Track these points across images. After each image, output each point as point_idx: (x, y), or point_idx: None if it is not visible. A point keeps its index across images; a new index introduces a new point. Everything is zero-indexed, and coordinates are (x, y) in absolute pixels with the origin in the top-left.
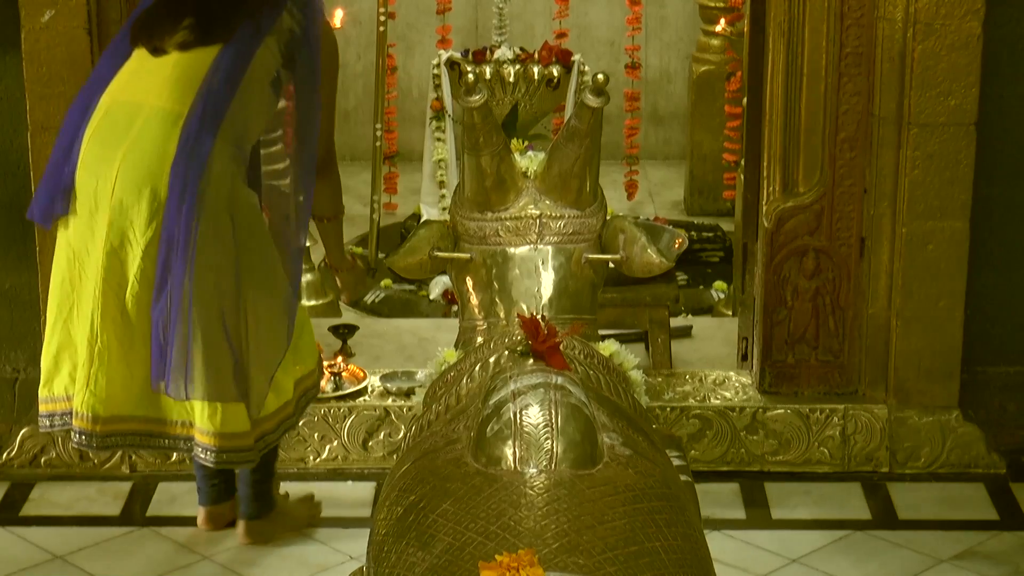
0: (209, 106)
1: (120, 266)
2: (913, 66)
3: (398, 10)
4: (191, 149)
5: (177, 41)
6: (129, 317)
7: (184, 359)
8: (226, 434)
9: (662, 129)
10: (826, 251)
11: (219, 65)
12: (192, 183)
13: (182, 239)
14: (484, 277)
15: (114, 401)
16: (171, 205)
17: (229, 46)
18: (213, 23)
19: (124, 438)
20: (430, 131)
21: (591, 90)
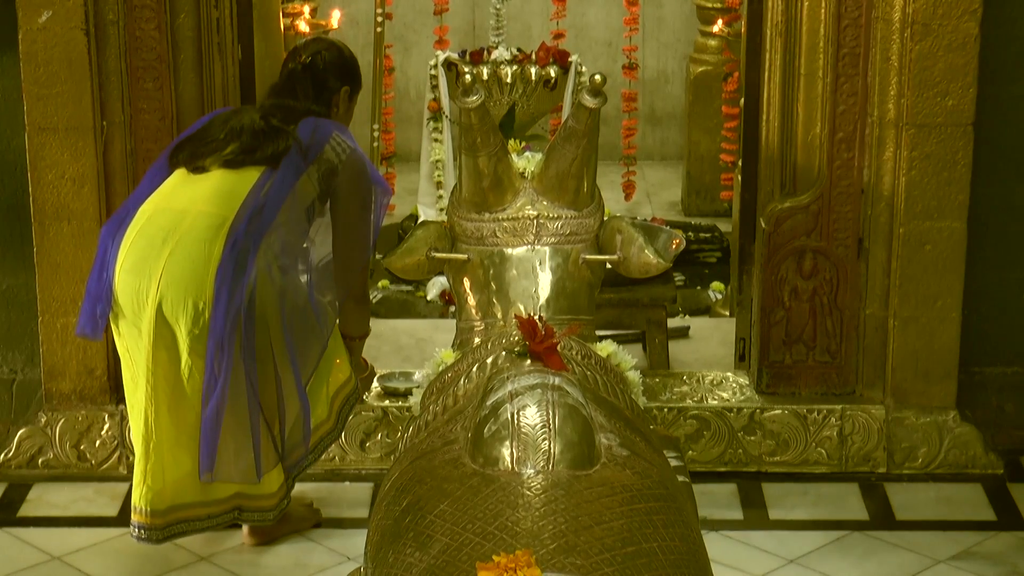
0: (255, 217)
1: (168, 364)
2: (910, 66)
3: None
4: (239, 253)
5: (222, 159)
6: (180, 413)
7: (241, 450)
8: (270, 494)
9: (659, 130)
10: (823, 252)
11: (264, 184)
12: (241, 286)
13: (229, 340)
14: (481, 278)
15: (168, 494)
16: (219, 308)
17: (275, 171)
18: (259, 148)
19: (178, 526)
20: (427, 132)
21: (588, 91)
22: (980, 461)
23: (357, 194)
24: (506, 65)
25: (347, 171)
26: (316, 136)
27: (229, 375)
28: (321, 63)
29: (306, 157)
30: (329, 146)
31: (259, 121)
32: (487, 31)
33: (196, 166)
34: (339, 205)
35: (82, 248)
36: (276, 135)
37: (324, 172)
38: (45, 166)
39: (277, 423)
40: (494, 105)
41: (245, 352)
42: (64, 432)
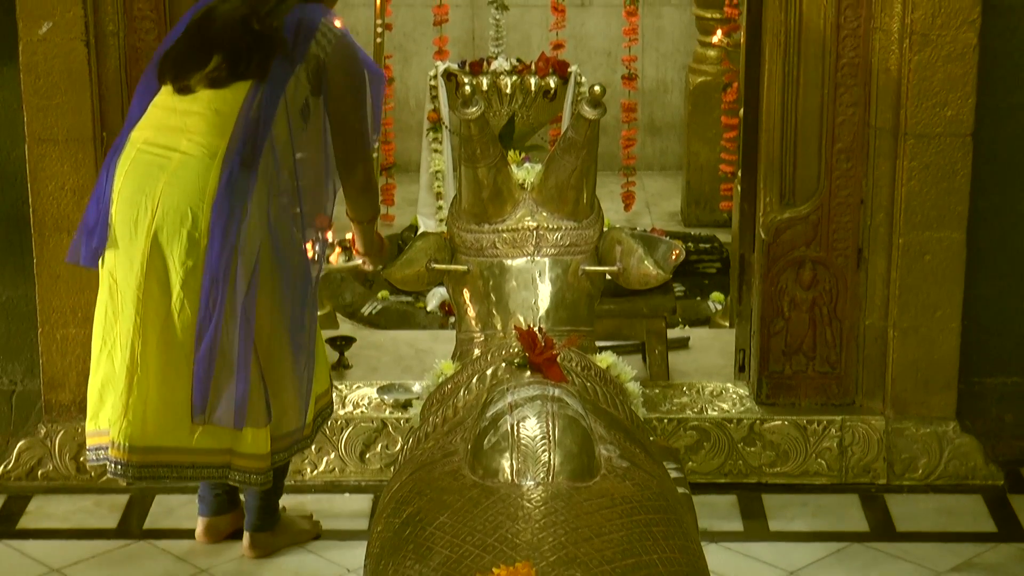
0: (248, 144)
1: (159, 296)
2: (909, 77)
3: (395, 21)
4: (235, 188)
5: (207, 78)
6: (168, 348)
7: (231, 391)
8: (258, 455)
9: (659, 140)
10: (823, 262)
11: (252, 101)
12: (235, 223)
13: (224, 277)
14: (481, 289)
15: (150, 431)
16: (214, 244)
17: (262, 83)
18: (243, 60)
19: (158, 470)
20: (427, 142)
21: (588, 102)
22: (980, 472)
23: (350, 85)
24: (506, 75)
25: (336, 62)
26: (302, 32)
27: (223, 314)
28: None
29: (293, 60)
30: (315, 40)
31: (239, 26)
32: (487, 41)
33: (182, 85)
34: (332, 99)
35: None
36: (259, 42)
37: (313, 69)
38: (45, 177)
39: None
40: (494, 116)
41: (238, 293)
42: (64, 444)
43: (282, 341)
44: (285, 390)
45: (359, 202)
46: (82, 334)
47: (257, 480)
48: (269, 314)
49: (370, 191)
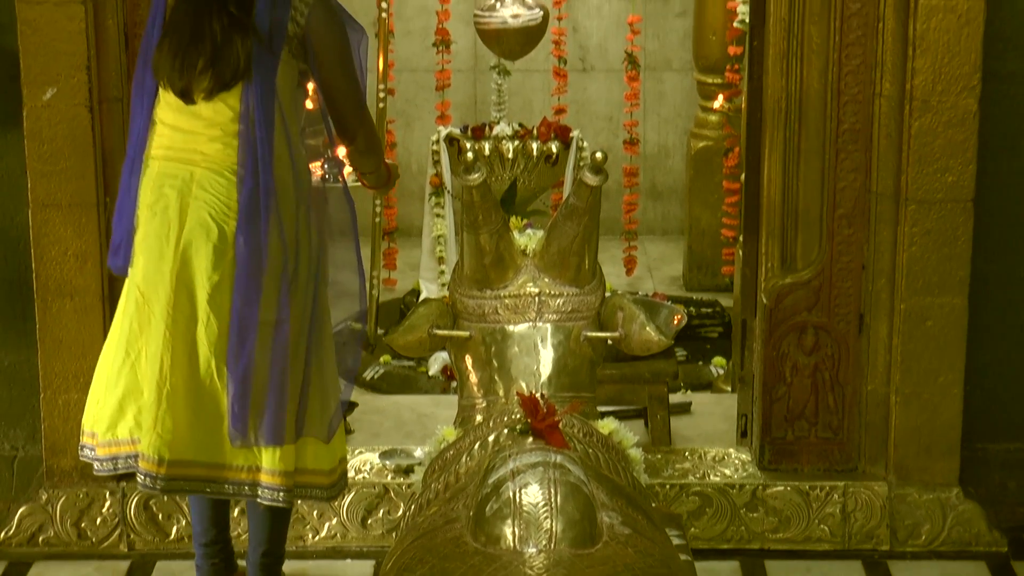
0: (257, 155)
1: (187, 310)
2: (910, 143)
3: (397, 86)
4: (253, 207)
5: (202, 90)
6: (196, 362)
7: (268, 411)
8: (286, 472)
9: (660, 204)
10: (825, 327)
11: (250, 105)
12: (261, 238)
13: (255, 297)
14: (483, 355)
15: (179, 444)
16: (241, 264)
17: (252, 85)
18: (227, 67)
19: (188, 483)
20: (429, 207)
21: (590, 168)
22: (984, 538)
23: (335, 51)
24: (507, 140)
25: (316, 30)
26: (275, 15)
27: (255, 336)
28: None
29: (273, 48)
30: (291, 18)
31: (215, 25)
32: (488, 106)
33: (181, 89)
34: (319, 69)
35: (85, 324)
36: (234, 40)
37: (294, 47)
38: (48, 242)
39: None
40: (495, 180)
41: (276, 309)
42: (65, 510)
43: (310, 351)
44: (312, 400)
45: (363, 162)
46: (84, 399)
47: (283, 498)
48: (306, 332)
49: (373, 151)
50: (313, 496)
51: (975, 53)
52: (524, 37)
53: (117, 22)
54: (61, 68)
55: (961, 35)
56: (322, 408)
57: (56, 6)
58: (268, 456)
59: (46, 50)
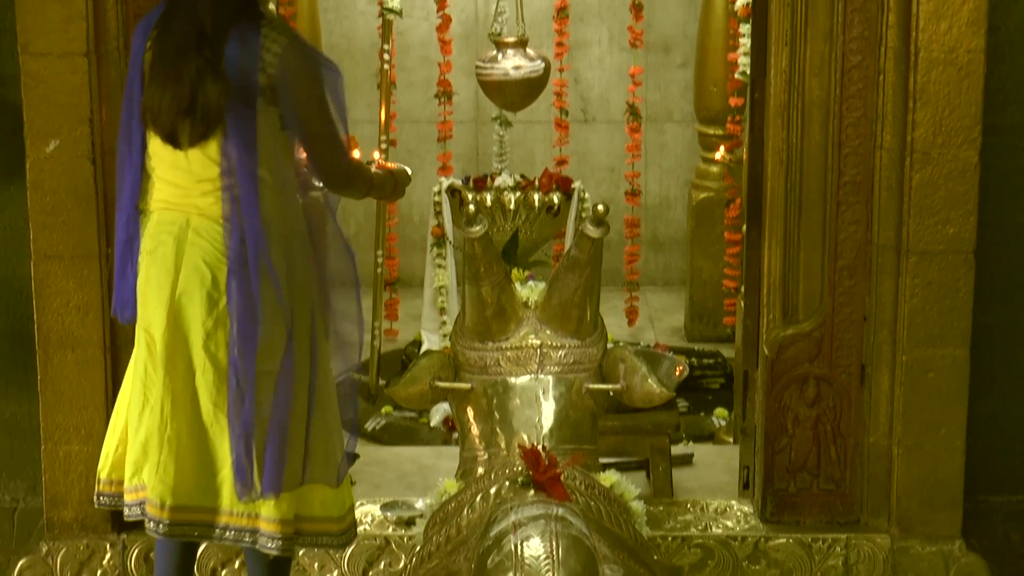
0: (242, 208)
1: (184, 357)
2: (911, 194)
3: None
4: (243, 257)
5: (188, 137)
6: (194, 409)
7: (268, 461)
8: (284, 520)
9: (662, 255)
10: (827, 379)
11: (231, 159)
12: (253, 287)
13: (249, 347)
14: (485, 407)
15: (181, 490)
16: (233, 318)
17: (229, 137)
18: (202, 110)
19: (191, 528)
20: (431, 257)
21: (591, 220)
22: None
23: (307, 95)
24: (509, 191)
25: (286, 75)
26: (244, 64)
27: (254, 389)
28: None
29: (246, 99)
30: (260, 67)
31: (191, 65)
32: (490, 157)
33: (167, 135)
34: (294, 113)
35: (86, 376)
36: (207, 84)
37: (268, 95)
38: (50, 294)
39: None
40: (497, 231)
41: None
42: (65, 562)
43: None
44: (315, 446)
45: (349, 195)
46: (85, 451)
47: (281, 546)
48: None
49: (358, 185)
50: (324, 544)
51: (975, 105)
52: (526, 88)
53: (119, 74)
54: (64, 120)
55: (961, 87)
56: (327, 454)
57: (59, 59)
58: (267, 504)
59: (49, 102)
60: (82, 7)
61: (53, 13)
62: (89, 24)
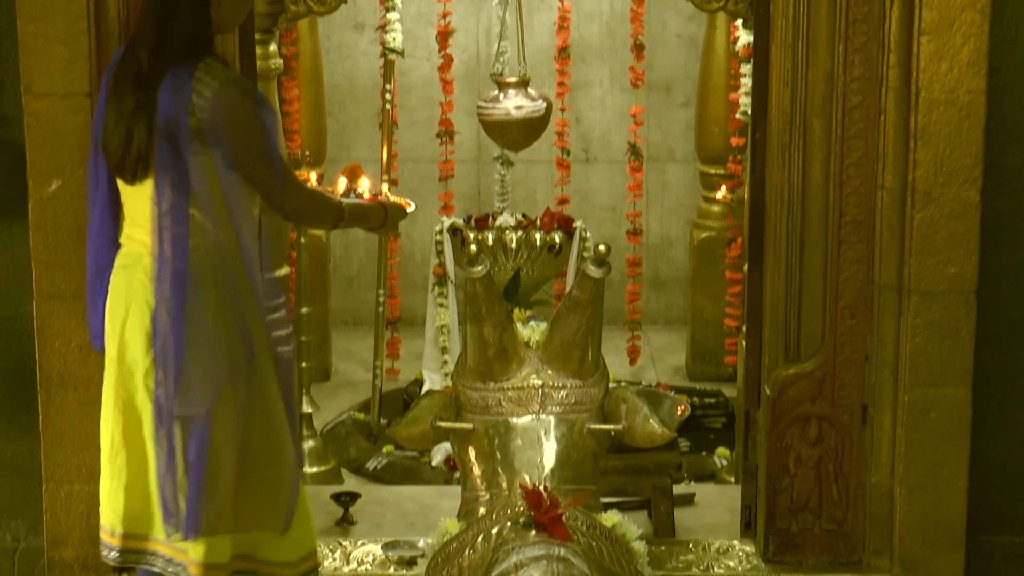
0: (165, 249)
1: (132, 390)
2: (912, 234)
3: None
4: (164, 296)
5: (130, 173)
6: (136, 440)
7: (188, 502)
8: (214, 564)
9: (663, 294)
10: (828, 418)
11: (160, 199)
12: (174, 327)
13: (170, 380)
14: (486, 447)
15: (130, 517)
16: (156, 355)
17: (158, 180)
18: (132, 150)
19: (139, 556)
20: (432, 297)
21: (593, 261)
22: None
23: (245, 135)
24: (511, 230)
25: (219, 115)
26: (175, 108)
27: (173, 423)
28: None
29: (177, 142)
30: (192, 106)
31: (126, 103)
32: (492, 197)
33: (116, 166)
34: (232, 156)
35: (88, 416)
36: (139, 126)
37: (204, 137)
38: (52, 333)
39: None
40: (499, 270)
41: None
42: None
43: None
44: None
45: (319, 224)
46: (87, 491)
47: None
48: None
49: (317, 216)
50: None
51: (976, 145)
52: (527, 128)
53: None
54: (66, 160)
55: (963, 128)
56: (270, 500)
57: (62, 99)
58: (193, 545)
59: (52, 142)
60: (85, 48)
61: (56, 54)
62: (92, 65)
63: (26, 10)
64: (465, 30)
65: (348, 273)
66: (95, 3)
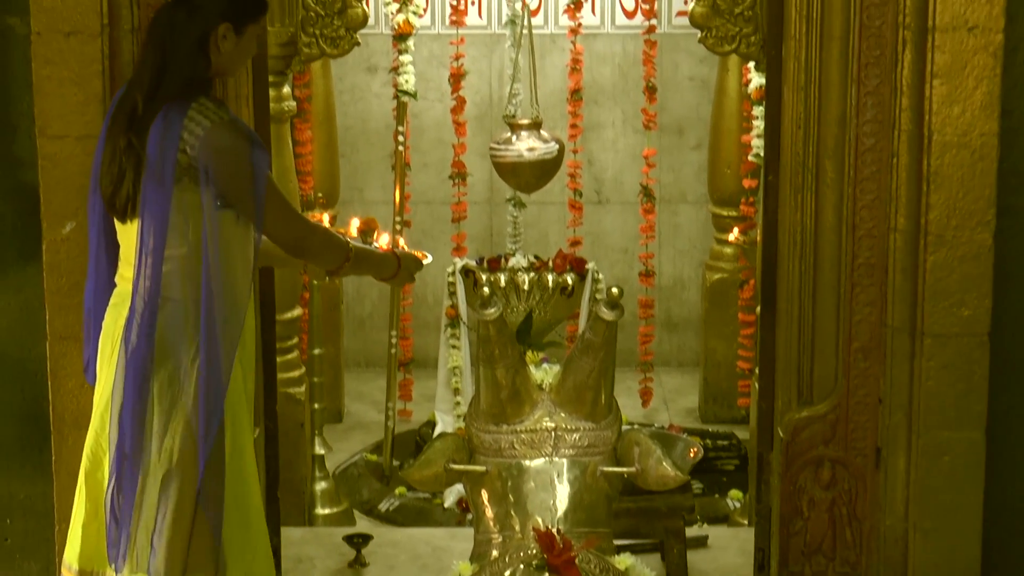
0: (142, 285)
1: (103, 425)
2: (926, 277)
3: (414, 218)
4: (130, 331)
5: (121, 211)
6: (103, 478)
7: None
8: None
9: (676, 336)
10: (842, 461)
11: (143, 236)
12: (137, 360)
13: (127, 427)
14: (499, 490)
15: (85, 554)
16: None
17: (143, 217)
18: (120, 191)
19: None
20: (445, 338)
21: (605, 303)
22: None
23: (236, 173)
24: (523, 272)
25: (211, 153)
26: (164, 145)
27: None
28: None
29: (163, 180)
30: (183, 143)
31: (119, 143)
32: (504, 238)
33: (108, 204)
34: (222, 194)
35: None
36: (128, 166)
37: (193, 175)
38: (65, 375)
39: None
40: (511, 312)
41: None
42: None
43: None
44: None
45: (316, 259)
46: None
47: None
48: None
49: (320, 253)
50: None
51: (989, 188)
52: (540, 170)
53: None
54: (80, 202)
55: (975, 170)
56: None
57: (76, 141)
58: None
59: (66, 184)
60: (99, 90)
61: (71, 96)
62: (106, 107)
63: (41, 53)
64: (477, 72)
65: (360, 315)
66: (109, 46)
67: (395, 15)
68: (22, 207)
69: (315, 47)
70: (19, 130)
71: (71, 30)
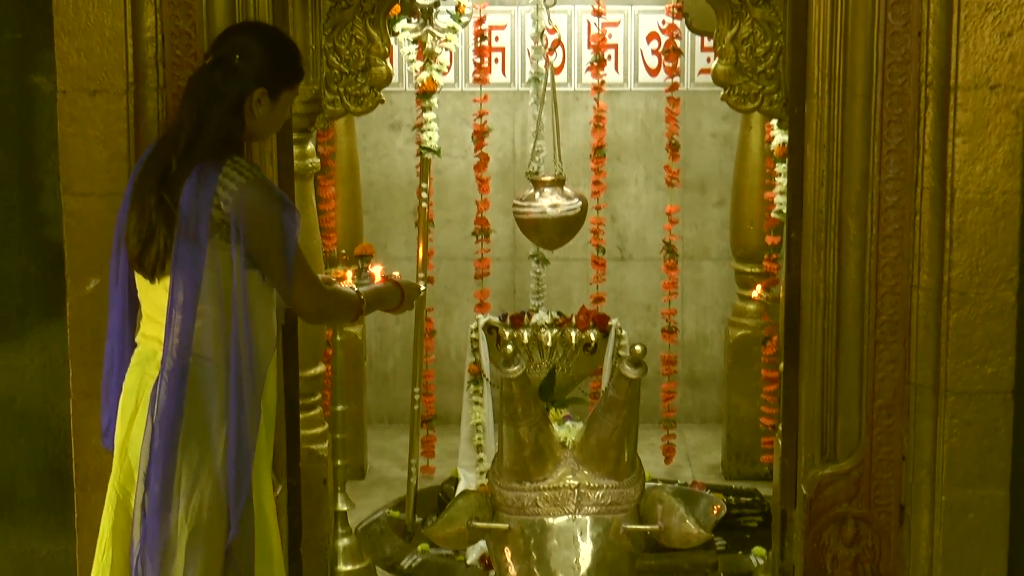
0: (174, 344)
1: (129, 485)
2: (948, 334)
3: (437, 274)
4: (173, 383)
5: (149, 268)
6: (123, 536)
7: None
8: None
9: (699, 392)
10: (865, 518)
11: (174, 294)
12: (163, 421)
13: (154, 484)
14: (522, 547)
15: None
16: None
17: (175, 275)
18: (151, 248)
19: None
20: (467, 395)
21: (629, 361)
22: None
23: (265, 233)
24: (546, 328)
25: (243, 210)
26: (198, 202)
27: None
28: (230, 62)
29: (197, 237)
30: (218, 199)
31: (150, 201)
32: (527, 294)
33: (135, 261)
34: (251, 252)
35: None
36: (160, 223)
37: (224, 232)
38: (88, 432)
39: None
40: (534, 368)
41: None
42: None
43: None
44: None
45: (334, 321)
46: None
47: None
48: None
49: (336, 314)
50: None
51: (1012, 246)
52: (563, 226)
53: None
54: (105, 259)
55: (998, 227)
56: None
57: (101, 198)
58: None
59: (90, 241)
60: (123, 148)
61: (96, 154)
62: (131, 165)
63: (66, 111)
64: (501, 129)
65: (383, 371)
66: (134, 104)
67: (419, 73)
68: (46, 264)
69: (339, 104)
70: (44, 187)
71: (97, 88)
